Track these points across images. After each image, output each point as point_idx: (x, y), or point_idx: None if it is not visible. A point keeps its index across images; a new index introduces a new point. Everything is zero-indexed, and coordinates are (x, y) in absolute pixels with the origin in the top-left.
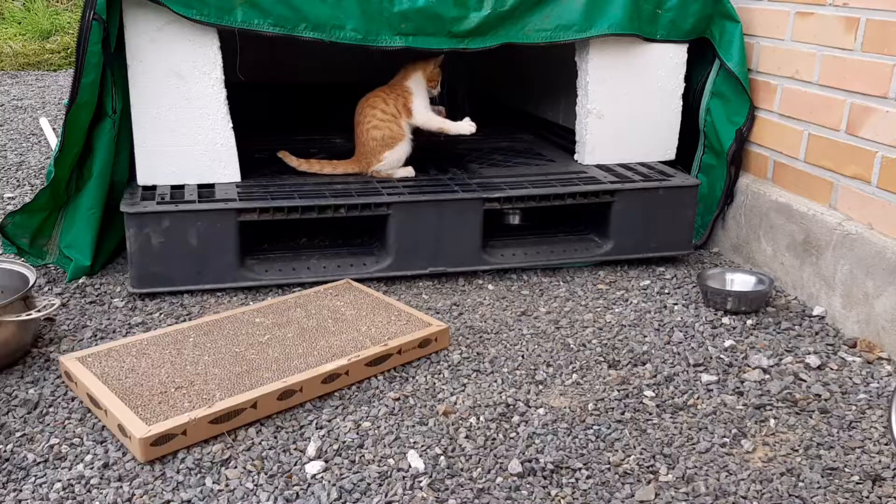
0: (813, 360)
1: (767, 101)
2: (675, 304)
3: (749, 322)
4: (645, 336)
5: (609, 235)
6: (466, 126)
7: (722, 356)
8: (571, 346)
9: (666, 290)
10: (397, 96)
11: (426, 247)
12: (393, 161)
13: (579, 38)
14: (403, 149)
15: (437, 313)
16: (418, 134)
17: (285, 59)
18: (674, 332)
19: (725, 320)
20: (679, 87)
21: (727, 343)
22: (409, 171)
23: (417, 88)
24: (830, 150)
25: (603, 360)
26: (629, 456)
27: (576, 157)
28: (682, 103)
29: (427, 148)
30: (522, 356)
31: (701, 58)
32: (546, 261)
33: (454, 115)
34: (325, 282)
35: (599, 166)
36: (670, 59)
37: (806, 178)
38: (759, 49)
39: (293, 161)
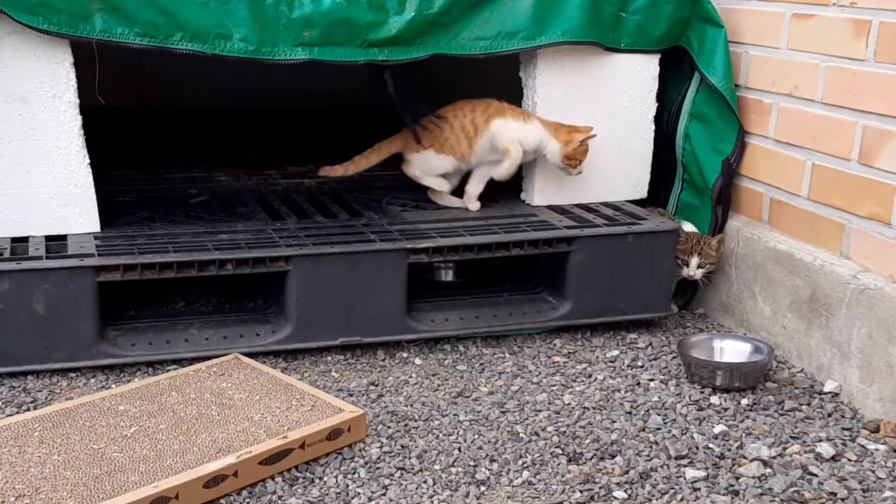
0: (825, 450)
1: (760, 125)
2: (651, 379)
3: (744, 401)
4: (614, 421)
5: (566, 294)
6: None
7: (711, 446)
8: (521, 435)
9: (639, 363)
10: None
11: (336, 311)
12: (431, 166)
13: (527, 48)
14: (447, 164)
15: (351, 395)
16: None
17: (161, 76)
18: (650, 416)
19: (714, 400)
20: (650, 107)
21: (717, 429)
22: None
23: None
24: (840, 184)
25: (561, 452)
26: None
27: (522, 196)
28: (654, 128)
29: (333, 187)
30: (459, 449)
31: (677, 71)
32: (488, 327)
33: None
34: (208, 357)
35: (552, 207)
36: (639, 74)
37: (811, 219)
38: (749, 60)
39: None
